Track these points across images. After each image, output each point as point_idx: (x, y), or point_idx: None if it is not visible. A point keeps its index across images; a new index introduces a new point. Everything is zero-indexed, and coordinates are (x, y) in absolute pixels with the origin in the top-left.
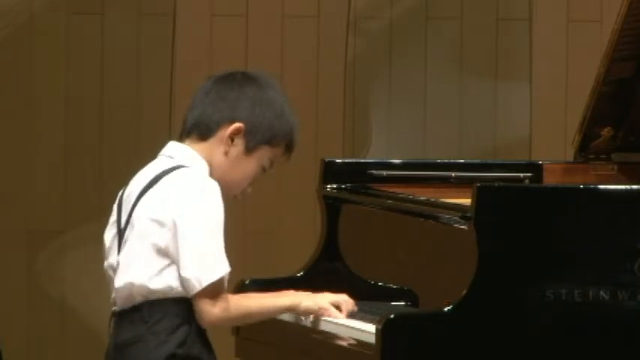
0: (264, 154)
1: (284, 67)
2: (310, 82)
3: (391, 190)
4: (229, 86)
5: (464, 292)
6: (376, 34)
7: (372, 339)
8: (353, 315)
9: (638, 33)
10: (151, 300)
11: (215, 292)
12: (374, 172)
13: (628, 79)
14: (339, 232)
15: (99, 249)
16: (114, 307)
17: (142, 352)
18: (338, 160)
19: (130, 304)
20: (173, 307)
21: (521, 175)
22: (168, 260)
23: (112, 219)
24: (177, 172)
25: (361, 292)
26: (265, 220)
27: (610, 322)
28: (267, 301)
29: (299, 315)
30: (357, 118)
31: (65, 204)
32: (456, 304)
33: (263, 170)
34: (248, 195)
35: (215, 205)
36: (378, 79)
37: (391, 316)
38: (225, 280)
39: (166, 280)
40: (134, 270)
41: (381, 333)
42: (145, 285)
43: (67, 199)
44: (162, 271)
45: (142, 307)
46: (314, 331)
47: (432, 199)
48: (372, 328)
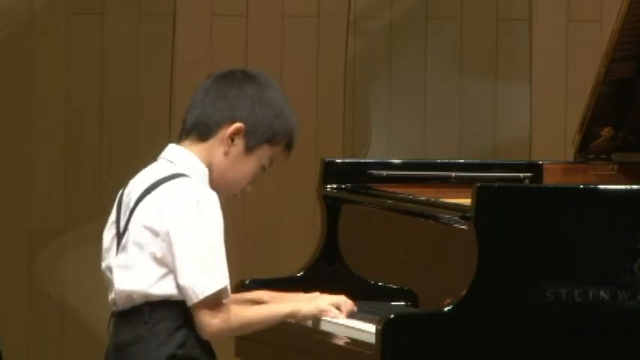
0: (264, 153)
1: (284, 67)
2: (310, 82)
3: (391, 190)
4: (229, 85)
5: (464, 292)
6: (376, 34)
7: (372, 339)
8: (353, 315)
9: (638, 33)
10: (152, 301)
11: (214, 303)
12: (374, 172)
13: (628, 79)
14: (339, 232)
15: (99, 249)
16: (113, 308)
17: (142, 353)
18: (338, 160)
19: (131, 304)
20: (174, 309)
21: (521, 175)
22: (166, 269)
23: (112, 218)
24: (175, 181)
25: (361, 292)
26: (265, 220)
27: (610, 322)
28: (267, 311)
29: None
30: (357, 118)
31: (65, 204)
32: (456, 304)
33: (263, 169)
34: (248, 193)
35: (211, 217)
36: (378, 79)
37: (391, 316)
38: (225, 292)
39: (166, 287)
40: (134, 276)
41: (381, 333)
42: (146, 291)
43: (67, 199)
44: (161, 279)
45: (143, 308)
46: (314, 332)
47: (432, 199)
48: (372, 328)
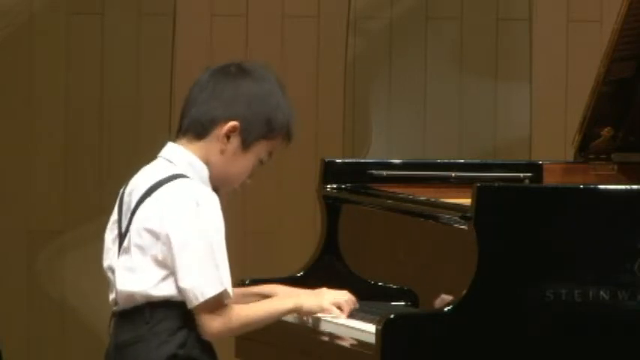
0: (261, 148)
1: (284, 67)
2: (310, 82)
3: (391, 190)
4: (224, 82)
5: (464, 292)
6: (376, 34)
7: (372, 339)
8: (353, 315)
9: (638, 33)
10: (153, 302)
11: (215, 305)
12: (374, 172)
13: (628, 79)
14: (339, 232)
15: (99, 249)
16: (114, 307)
17: (143, 352)
18: (338, 160)
19: (132, 304)
20: (175, 309)
21: (521, 175)
22: (167, 271)
23: (113, 218)
24: (174, 183)
25: (361, 292)
26: (265, 220)
27: (610, 322)
28: (268, 307)
29: (301, 316)
30: (357, 118)
31: (65, 204)
32: (456, 304)
33: (261, 163)
34: (248, 186)
35: (211, 219)
36: (378, 79)
37: (391, 316)
38: (226, 293)
39: (167, 289)
40: (136, 278)
41: (381, 333)
42: (147, 292)
43: (67, 199)
44: (163, 280)
45: (144, 308)
46: (314, 331)
47: (432, 199)
48: (372, 328)
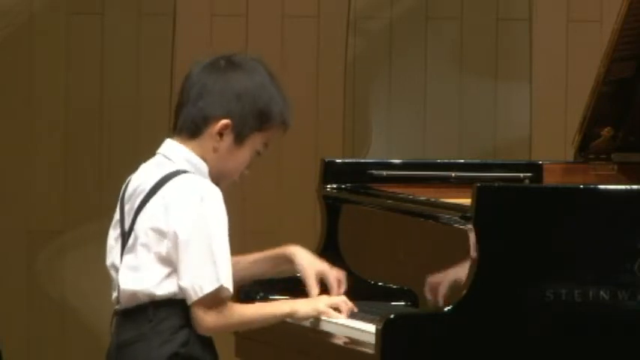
0: (256, 140)
1: (284, 67)
2: (310, 82)
3: (391, 190)
4: (213, 79)
5: (464, 292)
6: (376, 34)
7: (372, 339)
8: (353, 315)
9: (638, 33)
10: (156, 300)
11: (214, 301)
12: (374, 172)
13: (628, 79)
14: (339, 232)
15: (99, 249)
16: (116, 306)
17: (145, 351)
18: (338, 160)
19: (135, 303)
20: (178, 307)
21: (521, 175)
22: (170, 268)
23: (116, 217)
24: (177, 179)
25: (361, 292)
26: (265, 220)
27: (610, 322)
28: (265, 310)
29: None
30: (357, 118)
31: (65, 204)
32: (456, 304)
33: (258, 154)
34: (246, 177)
35: (215, 215)
36: (378, 79)
37: (391, 316)
38: (226, 289)
39: (170, 287)
40: (139, 277)
41: (381, 333)
42: (151, 291)
43: (67, 199)
44: (166, 278)
45: (147, 307)
46: (314, 331)
47: (432, 199)
48: (372, 328)
